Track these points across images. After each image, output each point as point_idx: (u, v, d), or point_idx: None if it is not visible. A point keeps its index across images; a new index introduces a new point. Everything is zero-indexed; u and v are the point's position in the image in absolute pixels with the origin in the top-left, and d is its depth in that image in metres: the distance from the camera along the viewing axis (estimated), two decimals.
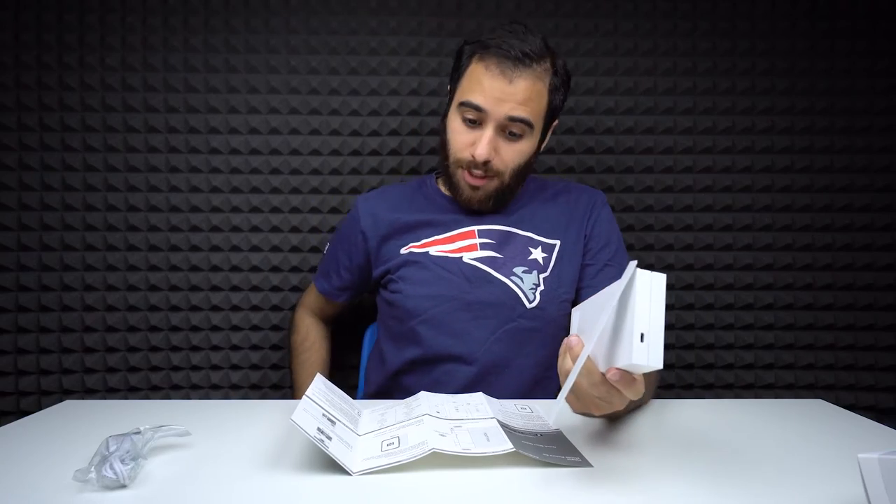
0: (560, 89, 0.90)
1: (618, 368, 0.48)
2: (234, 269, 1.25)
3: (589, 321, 0.56)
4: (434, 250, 0.92)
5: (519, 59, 0.83)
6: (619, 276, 0.90)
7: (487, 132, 0.85)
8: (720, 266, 1.29)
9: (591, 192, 1.02)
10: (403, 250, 0.94)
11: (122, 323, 1.23)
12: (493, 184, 0.90)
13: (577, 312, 0.63)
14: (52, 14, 1.21)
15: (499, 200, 0.93)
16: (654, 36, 1.28)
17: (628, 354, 0.46)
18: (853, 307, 1.27)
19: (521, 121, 0.85)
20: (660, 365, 0.46)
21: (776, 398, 1.27)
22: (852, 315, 1.27)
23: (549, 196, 1.00)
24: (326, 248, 1.08)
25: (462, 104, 0.86)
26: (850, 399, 1.26)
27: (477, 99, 0.84)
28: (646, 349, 0.46)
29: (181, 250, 1.24)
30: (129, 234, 1.23)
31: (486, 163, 0.86)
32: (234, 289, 1.25)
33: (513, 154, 0.88)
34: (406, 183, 1.07)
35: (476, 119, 0.86)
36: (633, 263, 0.49)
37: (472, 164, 0.87)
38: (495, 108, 0.84)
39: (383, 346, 0.98)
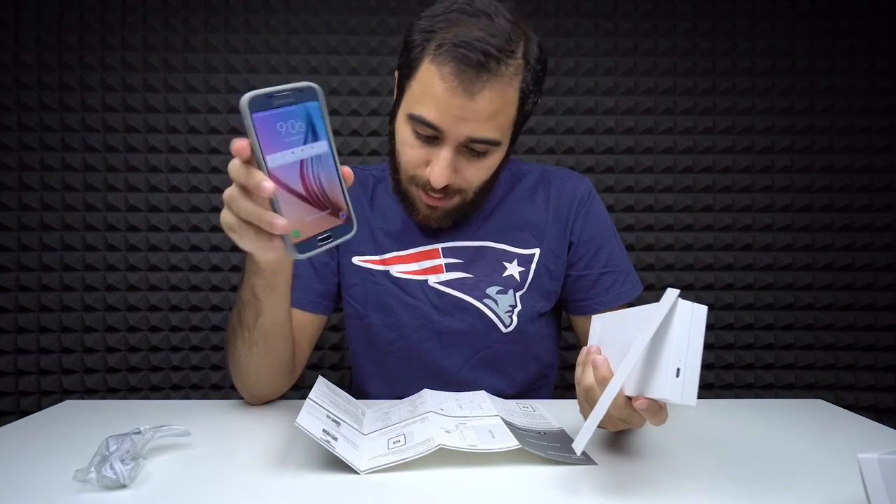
0: (533, 89, 0.71)
1: (647, 398, 0.46)
2: (234, 269, 1.25)
3: (614, 340, 0.53)
4: (396, 270, 0.82)
5: (482, 64, 0.64)
6: (617, 282, 0.85)
7: (444, 153, 0.69)
8: (720, 266, 1.29)
9: (574, 182, 0.87)
10: (358, 260, 0.83)
11: (122, 323, 1.23)
12: (453, 202, 0.75)
13: (597, 322, 0.60)
14: (52, 14, 1.21)
15: (462, 216, 0.80)
16: (654, 36, 1.28)
17: (662, 389, 0.44)
18: (853, 307, 1.27)
19: (486, 142, 0.69)
20: (693, 403, 0.44)
21: (776, 398, 1.27)
22: (852, 315, 1.27)
23: (525, 192, 0.86)
24: None
25: (413, 117, 0.69)
26: (850, 399, 1.26)
27: (431, 116, 0.67)
28: (680, 385, 0.44)
29: (181, 250, 1.24)
30: (129, 234, 1.23)
31: (444, 187, 0.71)
32: (234, 289, 1.25)
33: (476, 172, 0.73)
34: (363, 168, 0.90)
35: (430, 136, 0.70)
36: (676, 293, 0.46)
37: (427, 186, 0.73)
38: (454, 127, 0.67)
39: (353, 370, 0.89)
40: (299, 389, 1.25)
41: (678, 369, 0.44)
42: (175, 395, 1.25)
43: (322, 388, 0.65)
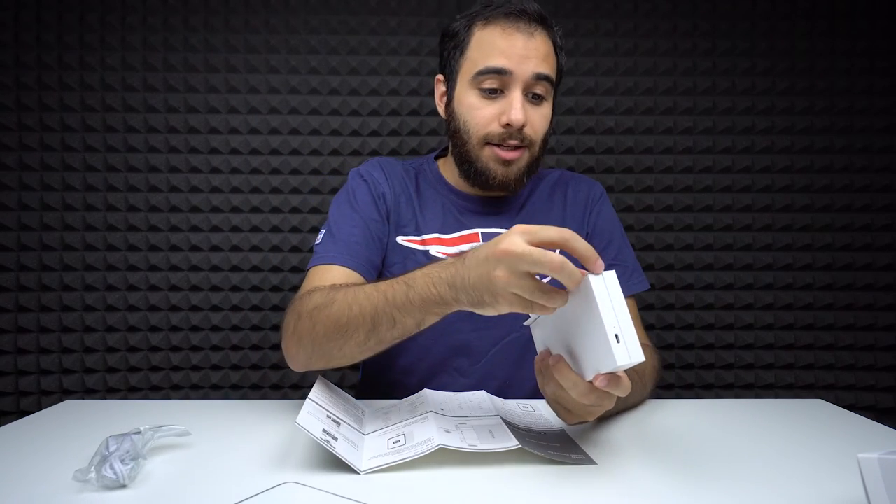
0: (562, 47, 0.84)
1: (604, 374, 0.48)
2: (235, 269, 1.25)
3: (552, 337, 0.56)
4: (435, 250, 0.85)
5: (532, 13, 0.77)
6: (624, 275, 0.87)
7: (516, 94, 0.77)
8: (720, 266, 1.29)
9: (589, 183, 0.96)
10: (402, 240, 0.86)
11: (122, 323, 1.23)
12: (525, 157, 0.81)
13: (535, 329, 0.60)
14: (52, 14, 1.21)
15: (529, 176, 0.85)
16: (654, 36, 1.28)
17: (611, 359, 0.46)
18: (853, 307, 1.27)
19: (546, 78, 0.78)
20: (642, 358, 0.46)
21: (776, 398, 1.27)
22: (852, 315, 1.27)
23: (546, 191, 0.93)
24: (332, 226, 0.84)
25: (480, 73, 0.77)
26: (850, 399, 1.26)
27: (498, 61, 0.76)
28: (624, 348, 0.46)
29: (181, 250, 1.24)
30: (129, 234, 1.23)
31: (521, 129, 0.78)
32: (234, 289, 1.25)
33: (540, 120, 0.81)
34: (404, 161, 0.95)
35: (498, 87, 0.78)
36: (589, 277, 0.49)
37: (504, 136, 0.78)
38: (521, 66, 0.76)
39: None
40: (299, 389, 1.25)
41: (616, 335, 0.46)
42: (175, 395, 1.25)
43: (322, 388, 0.65)
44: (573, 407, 0.54)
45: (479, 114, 0.79)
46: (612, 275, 0.48)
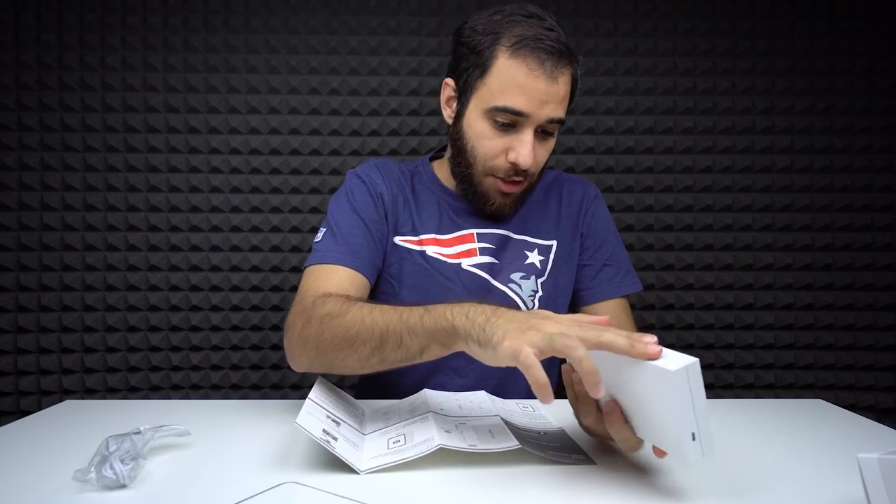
0: (578, 82, 0.83)
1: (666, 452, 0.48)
2: (234, 269, 1.25)
3: (612, 377, 0.51)
4: (431, 251, 0.86)
5: (561, 52, 0.75)
6: (617, 276, 0.89)
7: (528, 137, 0.77)
8: (720, 266, 1.29)
9: (584, 184, 0.96)
10: (399, 240, 0.87)
11: (122, 323, 1.23)
12: (523, 186, 0.83)
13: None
14: (52, 14, 1.21)
15: (523, 201, 0.87)
16: (654, 36, 1.28)
17: (683, 454, 0.44)
18: (853, 307, 1.27)
19: (559, 121, 0.78)
20: (714, 453, 0.44)
21: (776, 398, 1.27)
22: (852, 315, 1.27)
23: (542, 192, 0.94)
24: (333, 226, 0.83)
25: (497, 109, 0.76)
26: (850, 399, 1.26)
27: (519, 104, 0.75)
28: (699, 446, 0.44)
29: (181, 250, 1.24)
30: (129, 234, 1.23)
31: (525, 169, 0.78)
32: (234, 289, 1.25)
33: (544, 153, 0.82)
34: (399, 163, 0.95)
35: (511, 122, 0.77)
36: (671, 370, 0.44)
37: (509, 172, 0.79)
38: (538, 111, 0.75)
39: None
40: (299, 389, 1.25)
41: (693, 433, 0.44)
42: (175, 395, 1.25)
43: (322, 388, 0.65)
44: (604, 440, 0.54)
45: (488, 144, 0.79)
46: (695, 365, 0.44)
